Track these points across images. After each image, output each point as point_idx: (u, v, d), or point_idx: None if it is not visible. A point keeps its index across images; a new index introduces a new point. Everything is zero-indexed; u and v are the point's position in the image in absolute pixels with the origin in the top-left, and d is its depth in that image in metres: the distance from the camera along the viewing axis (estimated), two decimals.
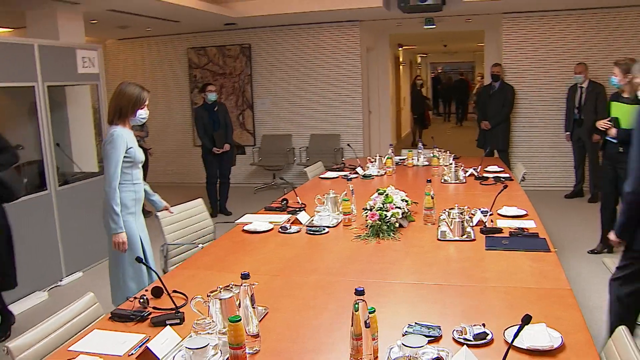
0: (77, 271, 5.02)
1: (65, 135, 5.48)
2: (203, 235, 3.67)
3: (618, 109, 4.50)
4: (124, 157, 3.11)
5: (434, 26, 8.42)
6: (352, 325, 1.66)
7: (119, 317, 2.04)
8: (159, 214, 3.42)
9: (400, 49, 13.62)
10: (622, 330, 1.75)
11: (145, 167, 7.12)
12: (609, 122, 4.46)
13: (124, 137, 3.10)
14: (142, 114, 3.25)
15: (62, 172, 5.10)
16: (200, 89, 6.99)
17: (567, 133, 7.17)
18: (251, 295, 1.85)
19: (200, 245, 3.37)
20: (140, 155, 3.23)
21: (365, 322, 1.66)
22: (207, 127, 6.76)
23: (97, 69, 5.38)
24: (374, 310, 1.71)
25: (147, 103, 3.28)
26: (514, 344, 1.56)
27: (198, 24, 8.14)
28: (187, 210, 3.65)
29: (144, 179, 6.40)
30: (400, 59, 14.01)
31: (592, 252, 4.98)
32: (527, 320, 1.54)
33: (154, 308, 2.13)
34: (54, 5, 5.51)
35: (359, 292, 1.67)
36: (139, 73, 9.45)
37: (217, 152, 6.86)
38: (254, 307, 1.85)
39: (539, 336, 1.78)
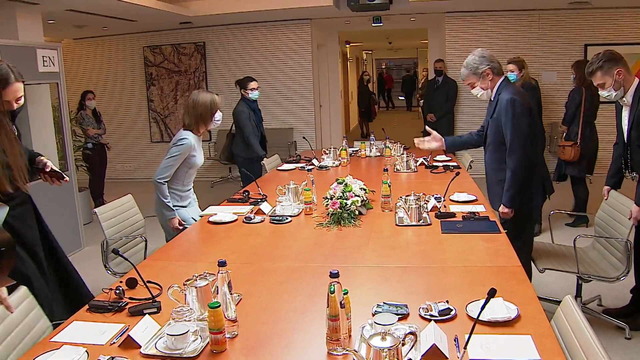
0: None
1: (27, 134, 5.39)
2: (137, 229, 3.74)
3: None
4: (185, 162, 3.43)
5: (381, 24, 8.65)
6: (327, 307, 1.74)
7: (97, 308, 2.06)
8: (96, 210, 3.45)
9: (347, 45, 13.84)
10: (568, 299, 1.93)
11: (103, 163, 7.05)
12: None
13: (192, 145, 3.41)
14: (217, 117, 3.53)
15: None
16: (241, 85, 5.74)
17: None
18: (228, 282, 1.92)
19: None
20: (199, 160, 3.54)
21: (341, 302, 1.74)
22: (255, 130, 5.62)
23: (57, 67, 5.36)
24: (347, 292, 1.80)
25: (221, 106, 3.50)
26: (478, 318, 1.69)
27: (154, 23, 8.13)
28: (120, 206, 3.67)
29: (102, 177, 6.33)
30: (348, 55, 14.23)
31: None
32: (492, 293, 1.66)
33: (130, 298, 2.16)
34: (12, 5, 5.44)
35: (334, 275, 1.74)
36: (95, 72, 9.39)
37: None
38: (231, 294, 1.92)
39: (497, 309, 1.93)
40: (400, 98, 21.73)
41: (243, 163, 5.52)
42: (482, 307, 1.68)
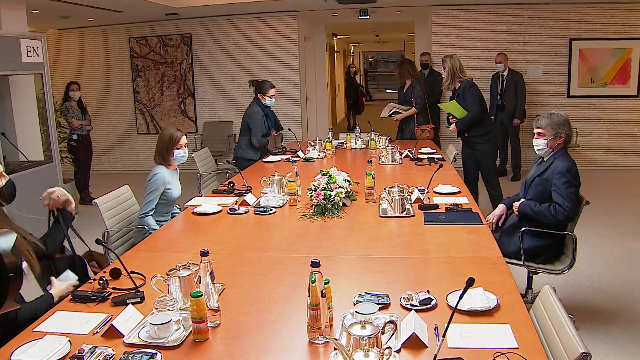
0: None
1: (10, 125, 5.38)
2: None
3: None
4: (161, 195, 3.46)
5: (368, 17, 8.65)
6: (309, 296, 1.76)
7: (80, 298, 2.07)
8: (96, 201, 3.40)
9: (335, 38, 13.83)
10: (547, 288, 1.96)
11: (89, 155, 6.98)
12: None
13: (164, 179, 3.47)
14: (180, 153, 3.58)
15: (8, 161, 5.02)
16: (259, 88, 5.46)
17: (491, 117, 7.62)
18: (211, 272, 1.93)
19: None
20: (176, 193, 3.59)
21: (322, 292, 1.77)
22: (264, 133, 5.45)
23: (41, 58, 5.28)
24: (329, 281, 1.81)
25: (183, 143, 3.58)
26: (456, 306, 1.70)
27: (140, 14, 8.06)
28: (119, 197, 3.64)
29: (88, 169, 6.25)
30: (335, 48, 14.22)
31: None
32: (470, 282, 1.69)
33: (114, 288, 2.17)
34: None
35: (315, 264, 1.76)
36: (80, 63, 9.28)
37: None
38: (213, 283, 1.93)
39: (477, 299, 1.97)
40: (387, 91, 21.96)
41: (245, 165, 5.21)
42: (460, 296, 1.70)
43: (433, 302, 1.98)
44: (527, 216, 3.25)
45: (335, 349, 1.64)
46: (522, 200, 3.33)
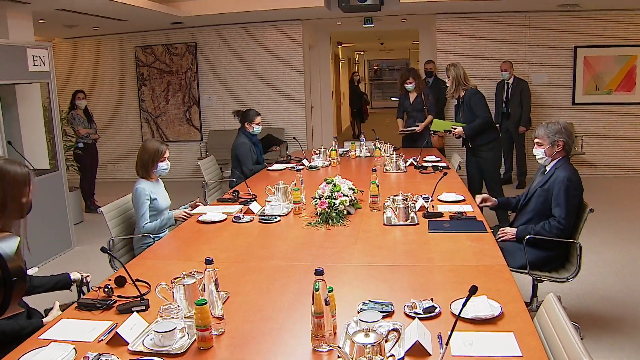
0: (32, 267, 4.91)
1: (17, 133, 5.42)
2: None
3: None
4: (149, 207, 3.47)
5: (372, 25, 8.68)
6: (312, 304, 1.76)
7: (86, 306, 2.08)
8: (101, 209, 3.42)
9: (339, 46, 13.89)
10: (551, 297, 1.96)
11: (94, 163, 7.01)
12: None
13: (146, 190, 3.47)
14: (163, 166, 3.58)
15: None
16: (244, 117, 5.29)
17: (497, 125, 7.62)
18: (215, 280, 1.94)
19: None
20: (163, 203, 3.58)
21: (325, 300, 1.77)
22: (254, 161, 5.32)
23: (47, 67, 5.33)
24: (332, 289, 1.82)
25: (167, 155, 3.59)
26: (459, 314, 1.71)
27: (145, 23, 8.12)
28: (124, 205, 3.67)
29: (93, 177, 6.22)
30: (340, 56, 14.28)
31: None
32: (474, 290, 1.69)
33: (119, 296, 2.18)
34: (3, 5, 5.41)
35: (319, 273, 1.77)
36: (86, 71, 9.36)
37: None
38: (218, 291, 1.94)
39: (481, 307, 1.97)
40: (392, 99, 21.96)
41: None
42: (464, 304, 1.70)
43: (437, 310, 1.99)
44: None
45: (338, 356, 1.65)
46: (516, 229, 3.31)
